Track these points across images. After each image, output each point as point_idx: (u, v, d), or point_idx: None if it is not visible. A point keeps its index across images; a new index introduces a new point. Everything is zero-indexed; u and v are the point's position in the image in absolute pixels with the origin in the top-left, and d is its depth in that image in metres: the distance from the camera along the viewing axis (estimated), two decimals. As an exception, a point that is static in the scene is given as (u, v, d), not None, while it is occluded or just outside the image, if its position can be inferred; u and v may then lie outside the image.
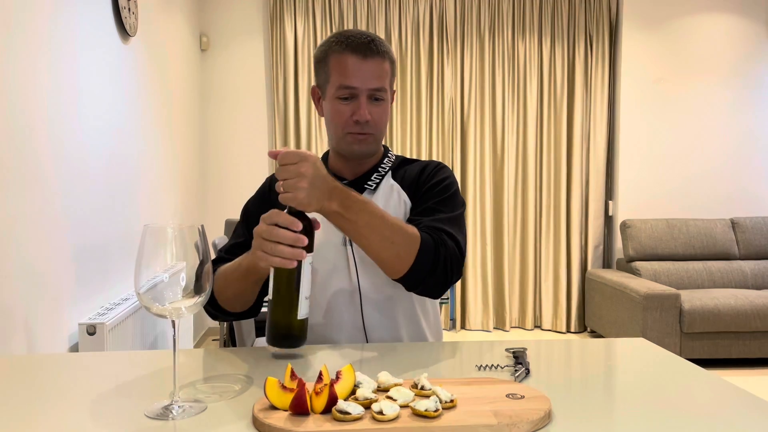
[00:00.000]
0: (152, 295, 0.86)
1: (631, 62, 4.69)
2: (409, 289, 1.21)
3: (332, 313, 1.30)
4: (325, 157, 1.41)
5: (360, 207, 1.10)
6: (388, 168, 1.37)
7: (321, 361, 1.11)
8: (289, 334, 1.06)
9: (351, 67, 1.24)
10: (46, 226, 2.07)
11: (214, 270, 1.26)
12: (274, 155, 1.04)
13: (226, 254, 1.33)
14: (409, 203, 1.33)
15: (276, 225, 1.01)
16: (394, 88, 1.39)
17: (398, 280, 1.20)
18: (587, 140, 4.77)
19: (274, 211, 1.03)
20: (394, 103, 4.62)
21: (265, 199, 1.39)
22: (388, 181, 1.35)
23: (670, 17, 4.68)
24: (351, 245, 1.30)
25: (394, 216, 1.16)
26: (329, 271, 1.30)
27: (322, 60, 1.30)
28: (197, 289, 0.87)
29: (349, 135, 1.28)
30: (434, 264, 1.16)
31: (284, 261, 1.00)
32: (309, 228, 1.04)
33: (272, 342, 1.07)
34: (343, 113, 1.27)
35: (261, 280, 1.20)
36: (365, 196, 1.29)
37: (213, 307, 1.27)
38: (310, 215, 1.07)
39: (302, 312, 1.05)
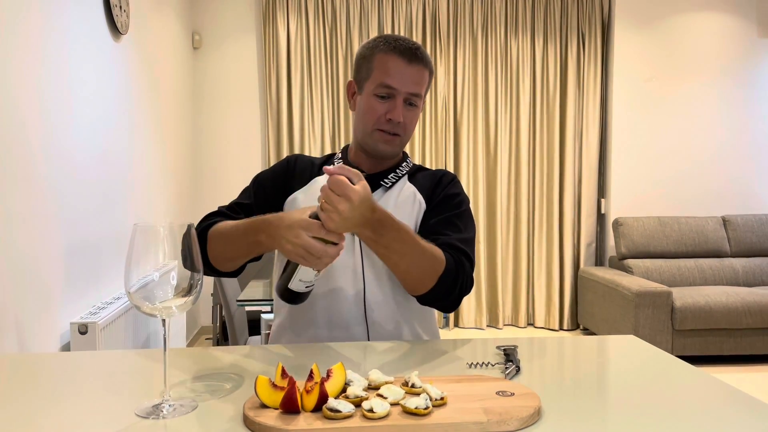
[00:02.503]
0: (143, 294, 0.86)
1: (623, 61, 4.70)
2: (422, 303, 1.26)
3: (336, 303, 1.31)
4: (345, 150, 1.45)
5: (393, 235, 1.13)
6: (405, 171, 1.41)
7: (312, 359, 1.12)
8: (301, 297, 1.18)
9: (395, 68, 1.30)
10: (38, 225, 2.06)
11: (213, 223, 1.30)
12: (329, 173, 1.05)
13: (228, 210, 1.37)
14: (424, 206, 1.37)
15: (322, 240, 1.05)
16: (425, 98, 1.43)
17: (414, 296, 1.25)
18: (580, 139, 4.79)
19: (322, 229, 1.05)
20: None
21: (280, 176, 1.42)
22: (405, 183, 1.39)
23: (662, 16, 4.70)
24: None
25: (424, 241, 1.19)
26: (336, 262, 1.31)
27: (366, 57, 1.34)
28: (189, 288, 0.87)
29: (377, 132, 1.33)
30: (452, 287, 1.22)
31: (322, 266, 1.09)
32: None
33: (282, 298, 1.17)
34: (377, 110, 1.31)
35: (261, 252, 1.24)
36: (379, 192, 1.35)
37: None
38: None
39: (314, 285, 1.17)
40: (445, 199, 1.36)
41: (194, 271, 0.87)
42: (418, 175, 1.43)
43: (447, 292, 1.21)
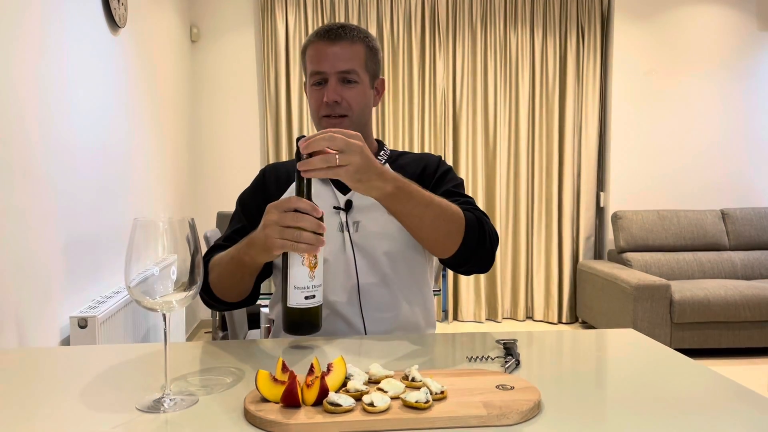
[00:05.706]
0: (143, 289, 0.86)
1: (623, 54, 4.69)
2: (458, 267, 1.23)
3: (329, 299, 1.29)
4: None
5: (411, 188, 1.08)
6: (384, 160, 1.39)
7: (312, 353, 1.12)
8: (307, 322, 1.05)
9: (319, 52, 1.29)
10: (37, 220, 2.05)
11: (211, 258, 1.26)
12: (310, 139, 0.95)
13: (225, 242, 1.32)
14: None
15: (297, 210, 0.97)
16: (382, 76, 1.40)
17: (449, 259, 1.21)
18: (579, 132, 4.78)
19: (290, 197, 1.00)
20: (386, 95, 4.61)
21: (260, 190, 1.39)
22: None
23: (661, 9, 4.69)
24: (348, 230, 1.30)
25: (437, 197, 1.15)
26: (327, 260, 1.29)
27: (302, 54, 1.36)
28: (189, 282, 0.87)
29: (324, 119, 1.31)
30: (481, 237, 1.18)
31: (310, 247, 0.98)
32: (321, 216, 1.00)
33: (290, 330, 1.05)
34: (316, 99, 1.31)
35: (256, 272, 1.20)
36: None
37: (209, 297, 1.27)
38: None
39: (317, 299, 1.05)
40: (442, 176, 1.37)
41: (196, 266, 0.88)
42: (400, 160, 1.41)
43: (477, 245, 1.17)
